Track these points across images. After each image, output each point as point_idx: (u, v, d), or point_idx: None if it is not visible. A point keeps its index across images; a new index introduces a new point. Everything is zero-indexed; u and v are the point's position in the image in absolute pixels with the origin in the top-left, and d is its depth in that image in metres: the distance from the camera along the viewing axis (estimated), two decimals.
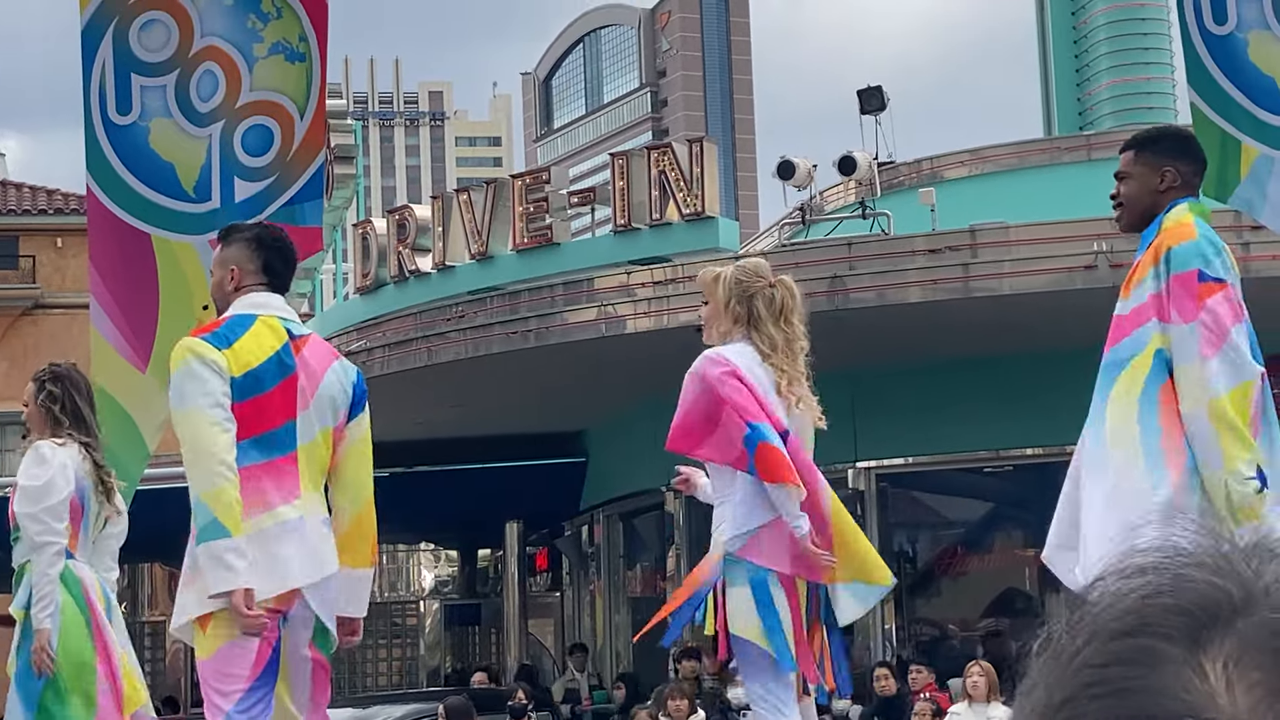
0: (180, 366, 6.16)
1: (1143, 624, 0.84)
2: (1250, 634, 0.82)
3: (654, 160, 21.83)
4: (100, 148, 7.90)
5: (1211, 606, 0.83)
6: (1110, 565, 0.89)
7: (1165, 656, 0.82)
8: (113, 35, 7.92)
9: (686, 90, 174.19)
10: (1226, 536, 0.88)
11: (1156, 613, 0.84)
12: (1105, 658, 0.83)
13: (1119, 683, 0.82)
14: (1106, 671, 0.83)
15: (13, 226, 42.83)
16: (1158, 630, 0.83)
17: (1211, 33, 7.27)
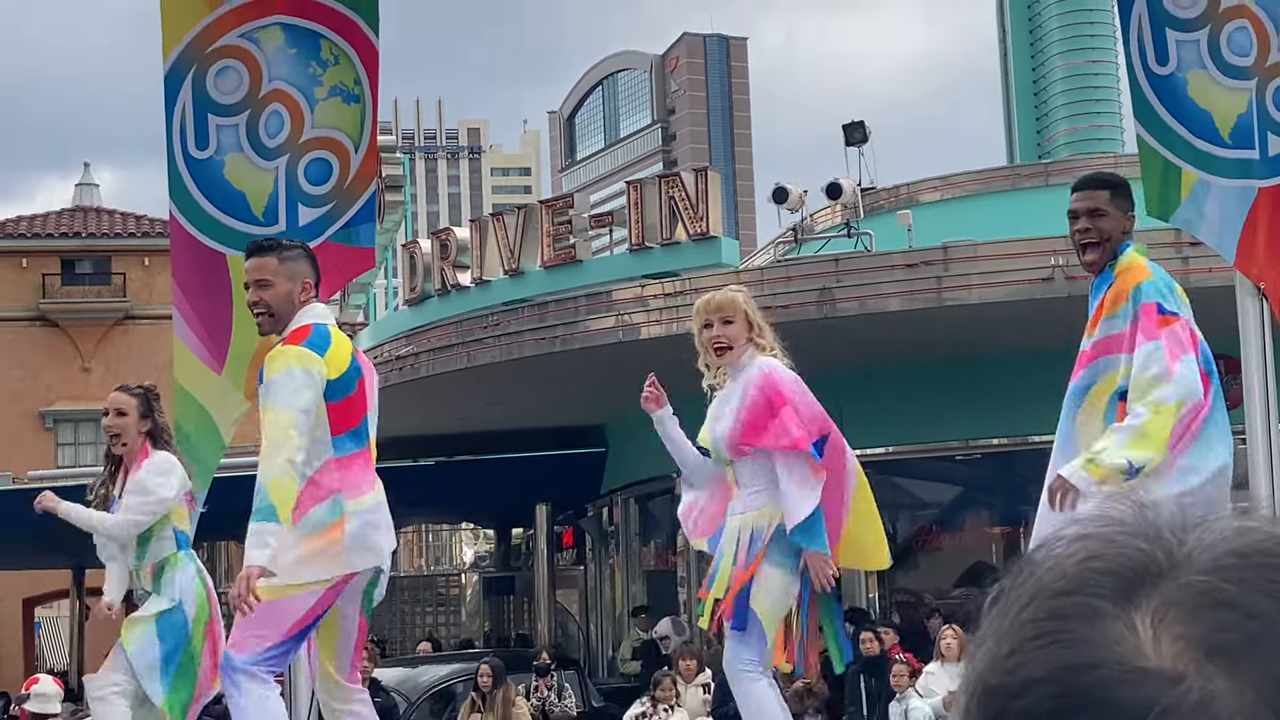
0: (283, 369, 6.09)
1: (1080, 584, 0.85)
2: (1174, 594, 0.83)
3: (664, 187, 21.83)
4: (181, 179, 7.92)
5: (1140, 569, 0.85)
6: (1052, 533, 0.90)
7: (1099, 612, 0.83)
8: (192, 80, 7.94)
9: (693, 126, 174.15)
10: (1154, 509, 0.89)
11: (1092, 574, 0.85)
12: (1046, 613, 0.85)
13: (1058, 635, 0.83)
14: (1047, 625, 0.84)
15: (106, 248, 42.91)
16: (1093, 589, 0.84)
17: (1155, 73, 7.28)
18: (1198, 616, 0.82)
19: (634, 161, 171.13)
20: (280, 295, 6.27)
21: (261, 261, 6.32)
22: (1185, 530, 0.87)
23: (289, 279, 6.30)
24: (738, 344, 6.64)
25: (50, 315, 42.00)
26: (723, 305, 6.67)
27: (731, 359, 6.65)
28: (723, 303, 6.68)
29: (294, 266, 6.34)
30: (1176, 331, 5.68)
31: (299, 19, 7.90)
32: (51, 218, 44.45)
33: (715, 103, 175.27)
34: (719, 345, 6.63)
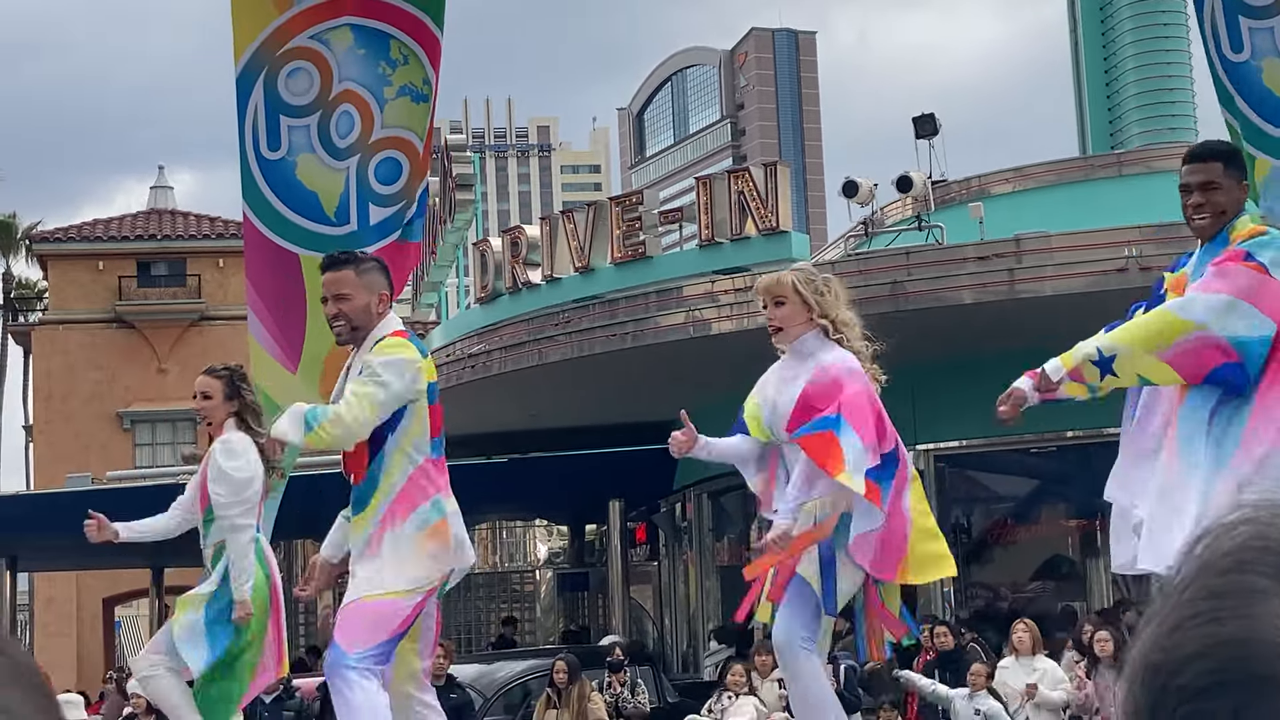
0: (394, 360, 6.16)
1: (1240, 563, 0.87)
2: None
3: (734, 183, 21.79)
4: (254, 180, 7.98)
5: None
6: (1215, 519, 0.92)
7: (1259, 589, 0.85)
8: (263, 82, 7.99)
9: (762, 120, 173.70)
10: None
11: (1252, 553, 0.87)
12: (1207, 592, 0.86)
13: (1218, 612, 0.85)
14: (1207, 604, 0.86)
15: (182, 249, 43.32)
16: (1253, 568, 0.86)
17: (1230, 60, 7.20)
18: None
19: (703, 157, 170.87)
20: (359, 307, 6.27)
21: (339, 275, 6.31)
22: None
23: (367, 290, 6.30)
24: (790, 325, 6.56)
25: (127, 317, 42.43)
26: (771, 287, 6.63)
27: (784, 340, 6.59)
28: (770, 284, 6.65)
29: (371, 278, 6.34)
30: (1241, 273, 5.42)
31: (368, 19, 7.94)
32: (127, 220, 44.91)
33: (784, 97, 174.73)
34: (771, 325, 6.61)
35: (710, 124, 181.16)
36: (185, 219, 45.01)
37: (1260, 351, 5.32)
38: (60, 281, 43.25)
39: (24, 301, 51.31)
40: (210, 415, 7.73)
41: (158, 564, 31.01)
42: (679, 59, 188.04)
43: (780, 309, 6.57)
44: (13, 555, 29.35)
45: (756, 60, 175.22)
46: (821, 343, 6.58)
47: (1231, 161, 5.83)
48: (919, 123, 23.44)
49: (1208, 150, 5.95)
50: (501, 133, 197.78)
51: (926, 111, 23.43)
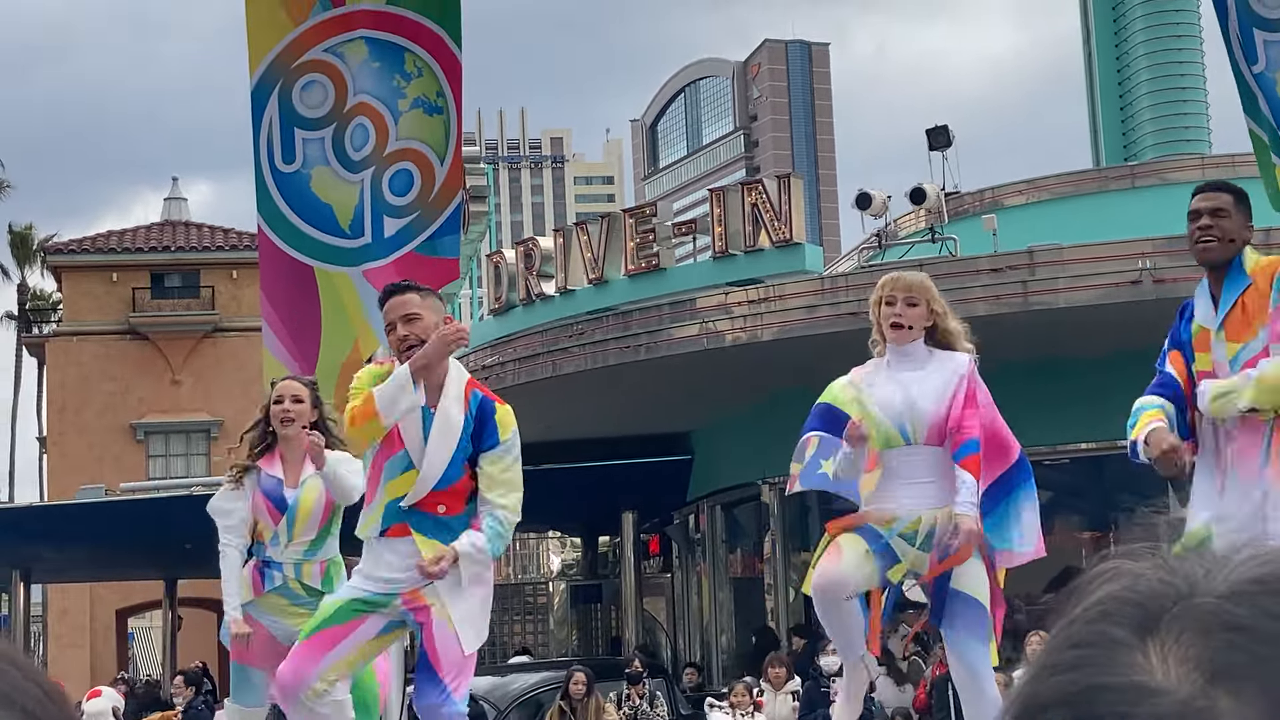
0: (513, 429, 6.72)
1: (1104, 613, 0.88)
2: (1187, 617, 0.86)
3: (747, 194, 21.81)
4: (269, 192, 8.00)
5: (1159, 598, 0.87)
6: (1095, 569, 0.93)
7: (1116, 640, 0.86)
8: (278, 95, 8.02)
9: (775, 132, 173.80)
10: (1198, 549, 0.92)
11: (1114, 604, 0.88)
12: (1070, 641, 0.88)
13: (1074, 661, 0.87)
14: (1070, 653, 0.87)
15: (195, 261, 43.41)
16: (1113, 618, 0.87)
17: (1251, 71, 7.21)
18: (1207, 638, 0.84)
19: (716, 169, 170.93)
20: (430, 327, 6.38)
21: (404, 299, 6.43)
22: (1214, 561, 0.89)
23: (434, 312, 6.48)
24: (916, 326, 6.63)
25: (140, 328, 42.52)
26: (913, 286, 6.69)
27: (903, 339, 6.62)
28: (914, 284, 6.71)
29: (434, 301, 6.54)
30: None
31: (382, 32, 7.96)
32: (141, 232, 45.02)
33: (797, 109, 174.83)
34: (896, 323, 6.60)
35: (723, 135, 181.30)
36: (199, 230, 45.10)
37: None
38: (74, 293, 43.36)
39: (38, 313, 51.46)
40: (299, 418, 7.67)
41: (172, 575, 31.06)
42: (692, 70, 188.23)
43: (914, 310, 6.61)
44: (27, 566, 29.38)
45: (770, 72, 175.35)
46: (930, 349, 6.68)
47: (1242, 200, 5.97)
48: (932, 135, 23.46)
49: (1220, 184, 6.09)
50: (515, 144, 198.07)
51: (940, 123, 23.44)
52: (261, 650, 7.64)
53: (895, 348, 6.63)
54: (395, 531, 6.43)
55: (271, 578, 7.76)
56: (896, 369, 6.64)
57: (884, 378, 6.64)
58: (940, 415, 6.53)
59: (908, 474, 6.60)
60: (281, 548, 7.76)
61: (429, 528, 6.42)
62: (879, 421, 6.57)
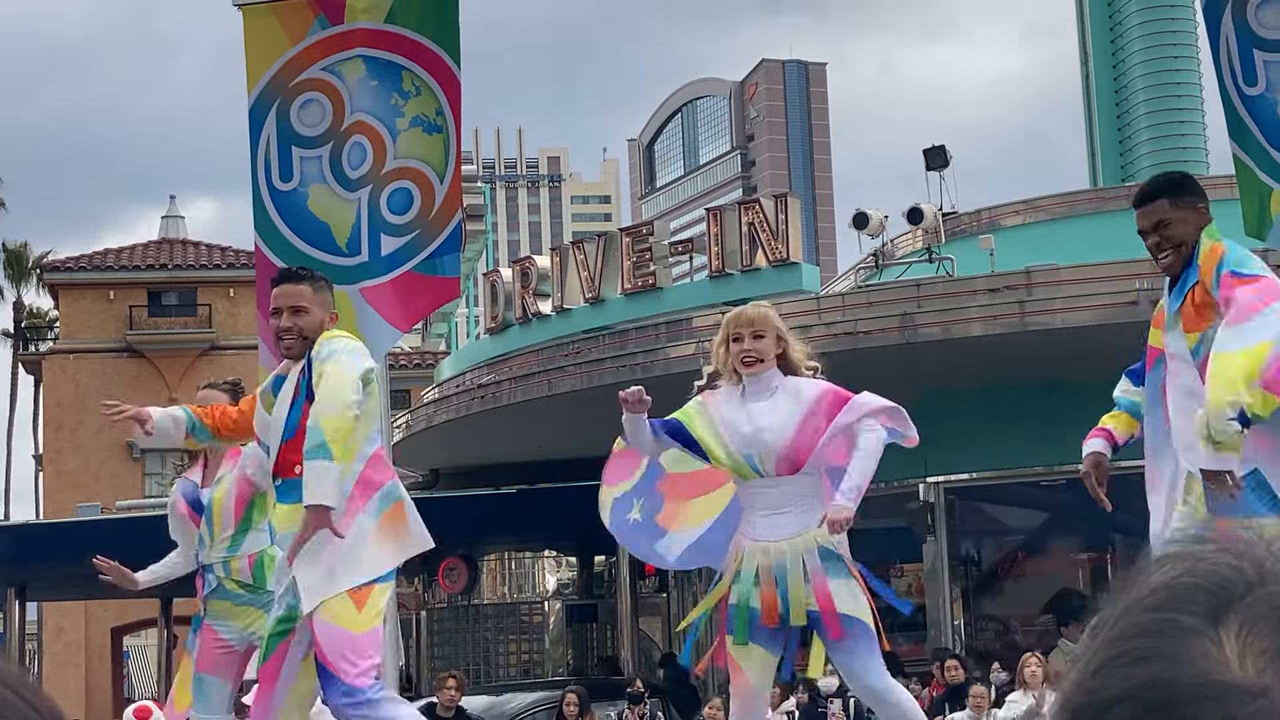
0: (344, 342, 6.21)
1: (1168, 601, 0.84)
2: (1259, 607, 0.82)
3: (744, 214, 21.82)
4: (266, 210, 8.00)
5: (1228, 585, 0.84)
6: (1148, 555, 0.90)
7: (1185, 628, 0.83)
8: (276, 113, 8.02)
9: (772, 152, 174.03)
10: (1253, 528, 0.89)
11: (1180, 591, 0.84)
12: (1134, 630, 0.84)
13: (1142, 651, 0.83)
14: (1133, 643, 0.84)
15: (192, 279, 43.43)
16: (1181, 606, 0.84)
17: (1246, 93, 7.21)
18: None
19: (713, 188, 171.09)
20: (315, 324, 6.25)
21: (297, 289, 6.28)
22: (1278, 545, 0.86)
23: (322, 308, 6.33)
24: (766, 358, 6.71)
25: (137, 346, 42.51)
26: (755, 320, 6.75)
27: (759, 370, 6.69)
28: (755, 318, 6.77)
29: (325, 297, 6.38)
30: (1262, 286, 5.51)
31: (381, 51, 7.97)
32: (138, 250, 45.04)
33: (795, 129, 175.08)
34: (749, 359, 6.67)
35: (720, 155, 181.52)
36: (196, 248, 45.14)
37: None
38: (71, 311, 43.35)
39: (35, 330, 51.44)
40: None
41: (167, 594, 31.01)
42: (689, 90, 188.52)
43: (759, 342, 6.69)
44: (22, 584, 29.35)
45: (767, 92, 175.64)
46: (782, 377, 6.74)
47: (1178, 190, 5.88)
48: (930, 155, 23.49)
49: (1147, 192, 6.00)
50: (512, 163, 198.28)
51: (938, 144, 23.48)
52: (215, 658, 7.57)
53: (751, 379, 6.70)
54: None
55: (209, 582, 7.80)
56: (748, 398, 6.71)
57: (734, 404, 6.72)
58: (789, 446, 6.56)
59: (762, 505, 6.65)
60: (207, 549, 7.81)
61: (287, 493, 6.17)
62: (727, 449, 6.64)
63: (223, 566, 7.75)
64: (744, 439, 6.61)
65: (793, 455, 6.56)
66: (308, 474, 5.88)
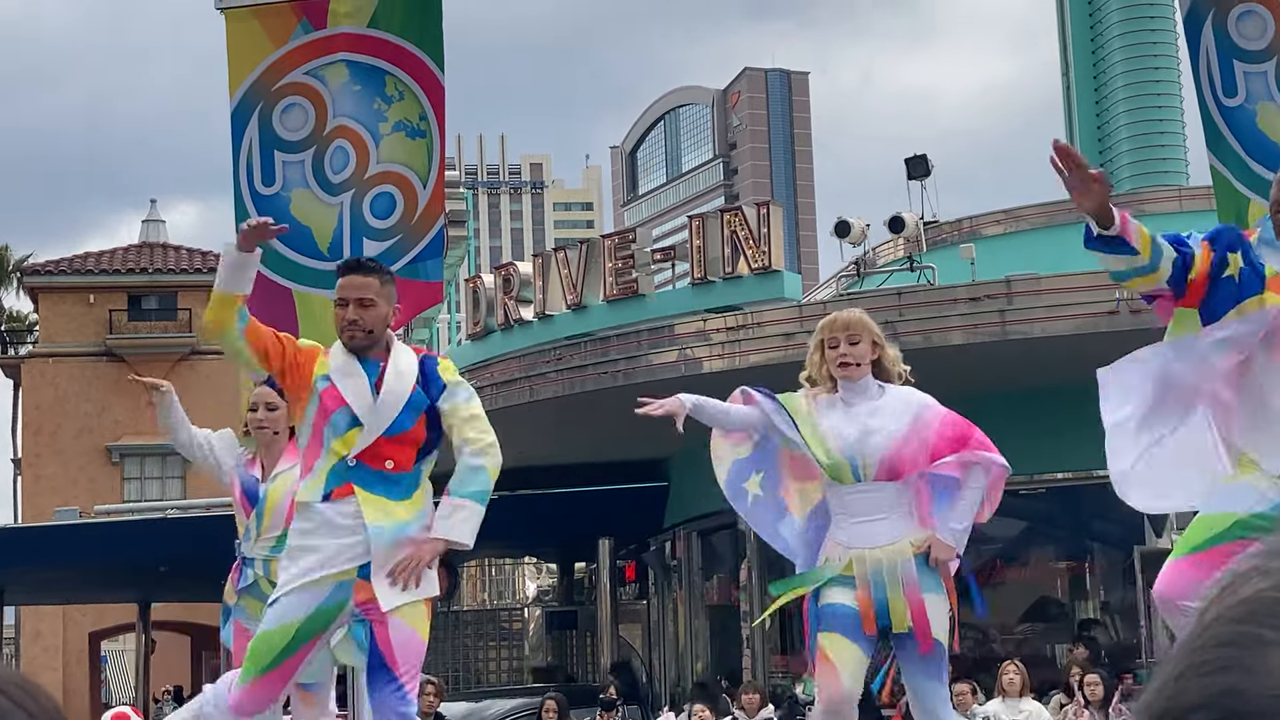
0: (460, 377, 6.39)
1: (1251, 613, 0.85)
2: None
3: (726, 221, 21.84)
4: (248, 214, 7.97)
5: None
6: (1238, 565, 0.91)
7: (1266, 641, 0.84)
8: (258, 117, 8.01)
9: (754, 160, 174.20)
10: None
11: (1265, 604, 0.86)
12: (1217, 640, 0.85)
13: (1223, 661, 0.84)
14: (1214, 653, 0.85)
15: (173, 283, 43.33)
16: (1264, 619, 0.85)
17: (1225, 104, 7.24)
18: None
19: (695, 196, 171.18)
20: (380, 317, 6.21)
21: (365, 280, 6.20)
22: None
23: (387, 302, 6.26)
24: (864, 363, 6.65)
25: (117, 350, 42.39)
26: (851, 324, 6.71)
27: (856, 376, 6.62)
28: (851, 321, 6.73)
29: (391, 291, 6.32)
30: None
31: (364, 55, 7.97)
32: (119, 254, 44.93)
33: (777, 137, 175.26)
34: (845, 362, 6.59)
35: (702, 163, 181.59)
36: (177, 253, 45.04)
37: None
38: (50, 314, 43.23)
39: (14, 334, 51.26)
40: (271, 425, 7.81)
41: (145, 598, 30.92)
42: (671, 98, 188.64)
43: (856, 347, 6.64)
44: (0, 588, 29.26)
45: (749, 100, 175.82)
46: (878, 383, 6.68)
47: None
48: (911, 164, 23.54)
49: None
50: (494, 169, 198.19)
51: (919, 153, 23.53)
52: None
53: (848, 384, 6.62)
54: (340, 493, 6.06)
55: (245, 576, 7.73)
56: (849, 403, 6.61)
57: (838, 410, 6.61)
58: (893, 453, 6.49)
59: (857, 511, 6.53)
60: (252, 542, 7.73)
61: (374, 483, 6.07)
62: (829, 450, 6.53)
63: (263, 565, 7.62)
64: (848, 442, 6.51)
65: (896, 462, 6.50)
66: (467, 513, 6.08)
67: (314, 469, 6.12)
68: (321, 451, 6.10)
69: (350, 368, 6.17)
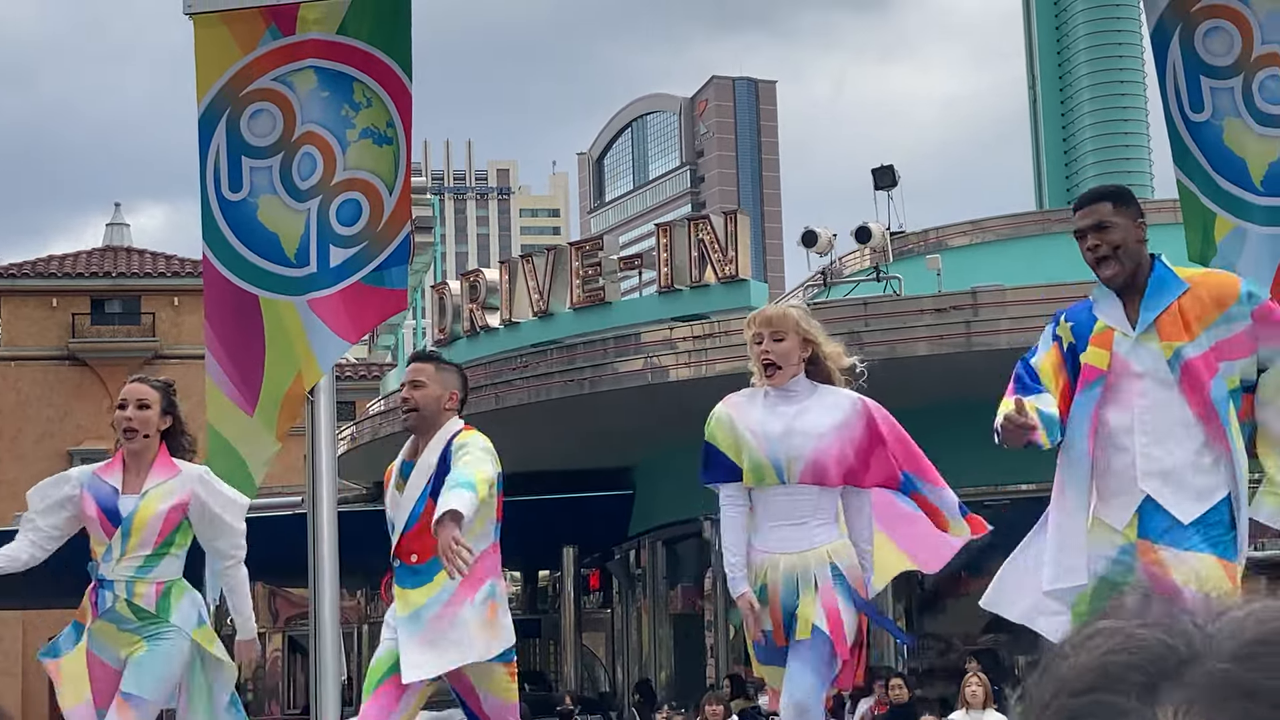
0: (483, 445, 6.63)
1: (1102, 680, 0.82)
2: (1198, 684, 0.80)
3: (693, 230, 21.87)
4: (215, 220, 7.96)
5: (1161, 660, 0.82)
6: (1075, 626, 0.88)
7: (1122, 710, 0.80)
8: (225, 123, 7.99)
9: (721, 168, 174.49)
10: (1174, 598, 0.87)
11: (1113, 669, 0.82)
12: (1069, 712, 0.82)
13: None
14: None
15: (136, 287, 43.15)
16: (1115, 686, 0.81)
17: (1192, 120, 7.28)
18: (1223, 708, 0.79)
19: (662, 204, 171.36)
20: (431, 398, 6.73)
21: (422, 366, 6.87)
22: (1208, 617, 0.84)
23: (441, 386, 6.78)
24: (787, 363, 6.26)
25: (80, 355, 42.19)
26: (773, 319, 6.31)
27: (780, 380, 6.26)
28: (773, 317, 6.33)
29: (447, 377, 6.87)
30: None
31: (332, 62, 7.95)
32: (82, 257, 44.73)
33: (744, 145, 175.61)
34: (767, 361, 6.23)
35: (669, 170, 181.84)
36: (140, 256, 44.86)
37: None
38: (13, 318, 43.00)
39: None
40: (142, 427, 7.04)
41: None
42: (639, 105, 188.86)
43: (779, 345, 6.25)
44: None
45: (716, 108, 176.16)
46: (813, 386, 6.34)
47: (1123, 200, 5.78)
48: (878, 174, 23.62)
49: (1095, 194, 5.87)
50: (461, 175, 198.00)
51: (886, 163, 23.62)
52: (101, 688, 6.91)
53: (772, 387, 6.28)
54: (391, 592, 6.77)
55: (104, 599, 6.97)
56: (775, 402, 6.27)
57: (759, 407, 6.27)
58: (819, 456, 6.19)
59: (777, 515, 6.23)
60: (114, 563, 6.96)
61: (405, 578, 6.64)
62: (751, 451, 6.21)
63: (126, 586, 6.93)
64: (772, 442, 6.17)
65: (822, 465, 6.18)
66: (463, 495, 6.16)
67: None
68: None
69: (396, 467, 6.79)
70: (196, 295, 33.84)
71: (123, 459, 7.16)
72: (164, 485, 7.03)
